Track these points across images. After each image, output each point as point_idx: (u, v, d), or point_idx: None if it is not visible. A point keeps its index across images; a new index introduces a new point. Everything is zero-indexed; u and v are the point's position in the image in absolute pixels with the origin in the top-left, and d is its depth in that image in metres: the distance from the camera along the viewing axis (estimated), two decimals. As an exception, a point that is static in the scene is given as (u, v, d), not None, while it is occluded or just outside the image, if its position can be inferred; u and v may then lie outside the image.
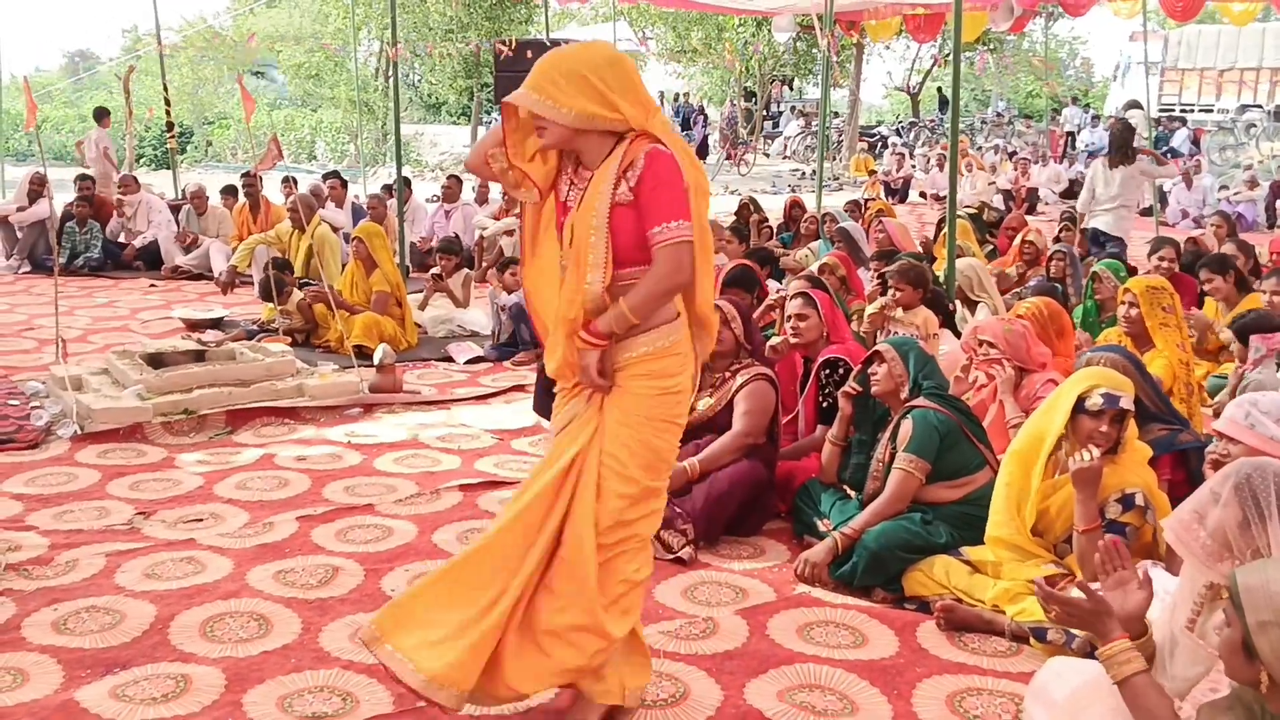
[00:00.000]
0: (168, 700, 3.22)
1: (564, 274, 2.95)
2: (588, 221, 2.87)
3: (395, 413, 6.40)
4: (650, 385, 2.93)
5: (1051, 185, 19.36)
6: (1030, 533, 3.84)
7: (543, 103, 2.82)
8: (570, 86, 2.81)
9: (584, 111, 2.82)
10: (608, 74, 2.84)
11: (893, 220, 9.02)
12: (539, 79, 2.85)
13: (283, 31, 32.32)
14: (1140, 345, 5.33)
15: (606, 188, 2.86)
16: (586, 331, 2.87)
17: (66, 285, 9.63)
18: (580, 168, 2.97)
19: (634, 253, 2.87)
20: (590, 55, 2.88)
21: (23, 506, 4.78)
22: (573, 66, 2.83)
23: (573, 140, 2.91)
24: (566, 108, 2.81)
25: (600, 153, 2.92)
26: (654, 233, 2.83)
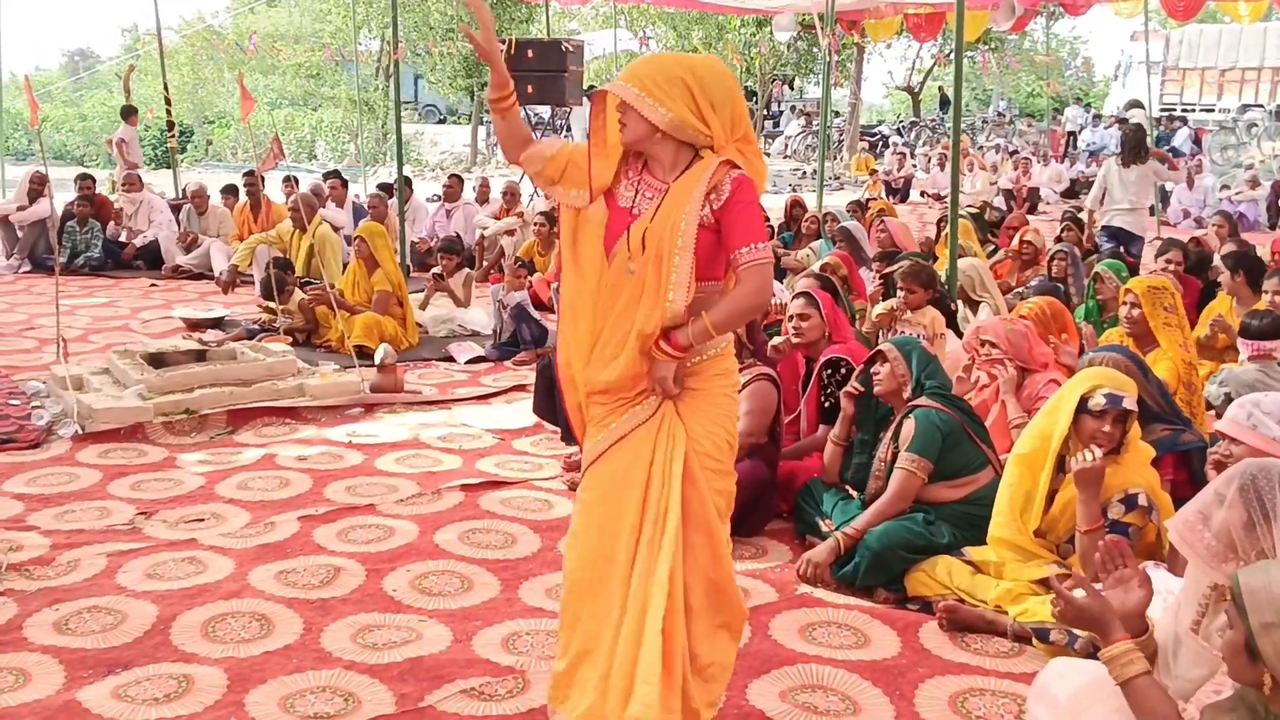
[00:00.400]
0: (170, 700, 3.22)
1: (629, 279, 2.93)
2: (670, 239, 2.87)
3: (396, 412, 6.40)
4: (724, 384, 3.04)
5: (1053, 185, 19.35)
6: (1034, 533, 3.83)
7: (641, 97, 2.83)
8: (671, 89, 2.83)
9: (678, 117, 2.84)
10: (710, 87, 2.86)
11: (894, 220, 9.01)
12: (639, 74, 2.87)
13: (283, 31, 32.35)
14: (1142, 345, 5.32)
15: (693, 209, 2.86)
16: (669, 344, 2.89)
17: (67, 285, 9.62)
18: (646, 173, 2.98)
19: (706, 269, 2.92)
20: (695, 64, 2.90)
21: (24, 506, 4.78)
22: (676, 71, 2.86)
23: (650, 143, 2.91)
24: (664, 109, 2.83)
25: (673, 163, 2.93)
26: (740, 254, 2.86)
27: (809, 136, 27.02)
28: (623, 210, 2.97)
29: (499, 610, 3.89)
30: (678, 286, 2.87)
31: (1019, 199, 16.91)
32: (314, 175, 16.01)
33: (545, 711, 3.19)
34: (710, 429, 2.99)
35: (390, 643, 3.61)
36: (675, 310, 2.87)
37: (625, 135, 2.91)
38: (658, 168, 2.95)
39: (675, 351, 2.89)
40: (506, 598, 4.00)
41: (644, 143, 2.91)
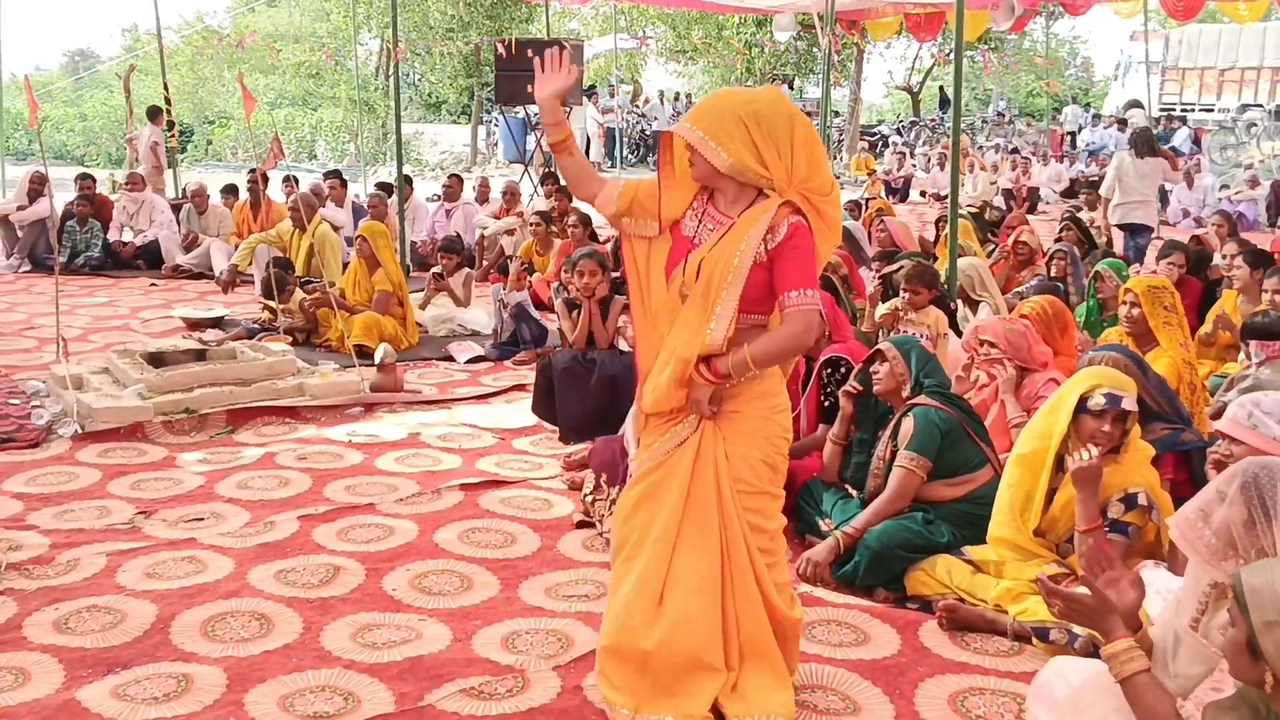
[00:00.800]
0: (169, 700, 3.22)
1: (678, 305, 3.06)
2: (724, 271, 2.98)
3: (396, 412, 6.40)
4: (763, 406, 3.11)
5: (1053, 184, 19.34)
6: (1033, 532, 3.83)
7: (705, 141, 2.95)
8: (735, 132, 2.93)
9: (739, 161, 2.94)
10: (771, 129, 2.95)
11: (894, 219, 9.00)
12: (703, 116, 2.98)
13: (282, 30, 32.35)
14: (1142, 345, 5.32)
15: (749, 248, 2.97)
16: (709, 370, 3.00)
17: (67, 284, 9.62)
18: (710, 204, 3.10)
19: (752, 305, 3.03)
20: (759, 105, 2.97)
21: (23, 506, 4.78)
22: (739, 113, 2.94)
23: (715, 179, 3.03)
24: (726, 152, 2.94)
25: (738, 199, 3.05)
26: (789, 296, 2.97)
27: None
28: (685, 239, 3.10)
29: (498, 609, 3.89)
30: (720, 319, 2.98)
31: (1019, 199, 16.90)
32: (314, 175, 16.02)
33: (544, 711, 3.20)
34: (746, 452, 3.08)
35: (390, 642, 3.61)
36: (714, 340, 2.98)
37: (694, 173, 3.04)
38: (722, 200, 3.08)
39: (712, 377, 3.01)
40: (506, 597, 4.00)
41: (714, 179, 3.04)
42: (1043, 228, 12.25)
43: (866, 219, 9.95)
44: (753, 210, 3.02)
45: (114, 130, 28.28)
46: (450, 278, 8.82)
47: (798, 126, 3.00)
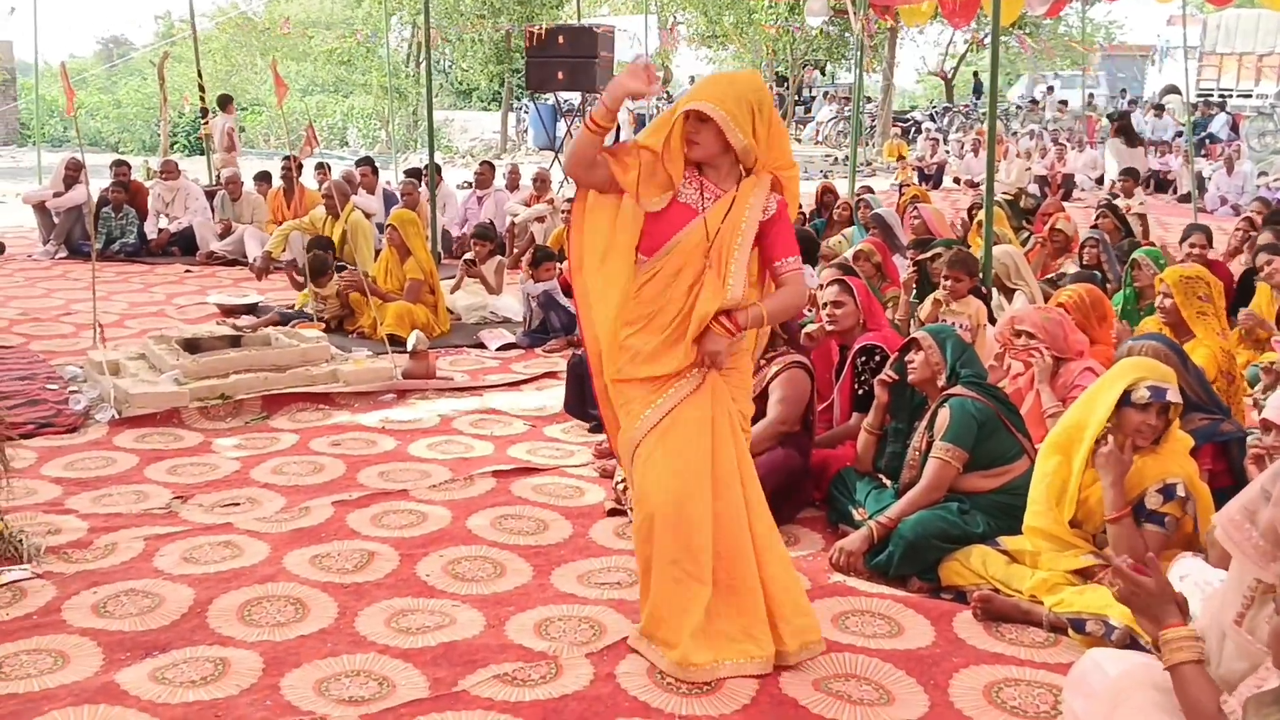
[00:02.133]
0: (206, 683, 3.25)
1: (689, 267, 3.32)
2: (733, 235, 3.32)
3: (428, 399, 6.42)
4: (747, 363, 3.58)
5: (1088, 171, 19.15)
6: (1069, 523, 3.80)
7: (728, 121, 3.23)
8: (746, 116, 3.26)
9: (748, 143, 3.28)
10: (764, 114, 3.29)
11: (928, 206, 8.94)
12: (726, 98, 3.24)
13: (314, 17, 32.47)
14: (1180, 335, 5.25)
15: (753, 214, 3.34)
16: (731, 322, 3.32)
17: (103, 271, 9.71)
18: (703, 178, 3.38)
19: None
20: (758, 91, 3.32)
21: (61, 490, 4.83)
22: (750, 99, 3.27)
23: (718, 158, 3.34)
24: (741, 133, 3.26)
25: (729, 175, 3.38)
26: (785, 263, 3.40)
27: (840, 122, 26.88)
28: (684, 207, 3.36)
29: (531, 596, 3.90)
30: (736, 276, 3.31)
31: (1054, 186, 16.75)
32: (346, 162, 16.09)
33: (578, 697, 3.21)
34: (744, 396, 3.51)
35: (424, 627, 3.62)
36: (734, 296, 3.31)
37: (696, 151, 3.32)
38: (713, 174, 3.38)
39: (734, 328, 3.32)
40: (539, 583, 4.01)
41: (712, 158, 3.34)
42: (1078, 215, 12.14)
43: (900, 206, 9.88)
44: (747, 183, 3.36)
45: (148, 117, 28.51)
46: (482, 265, 8.84)
47: (775, 112, 3.40)
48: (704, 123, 3.26)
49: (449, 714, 3.12)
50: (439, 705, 3.16)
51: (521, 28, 20.33)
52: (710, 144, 3.29)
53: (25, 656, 3.38)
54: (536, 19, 23.73)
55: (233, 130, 14.44)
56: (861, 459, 4.64)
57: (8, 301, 8.95)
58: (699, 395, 3.36)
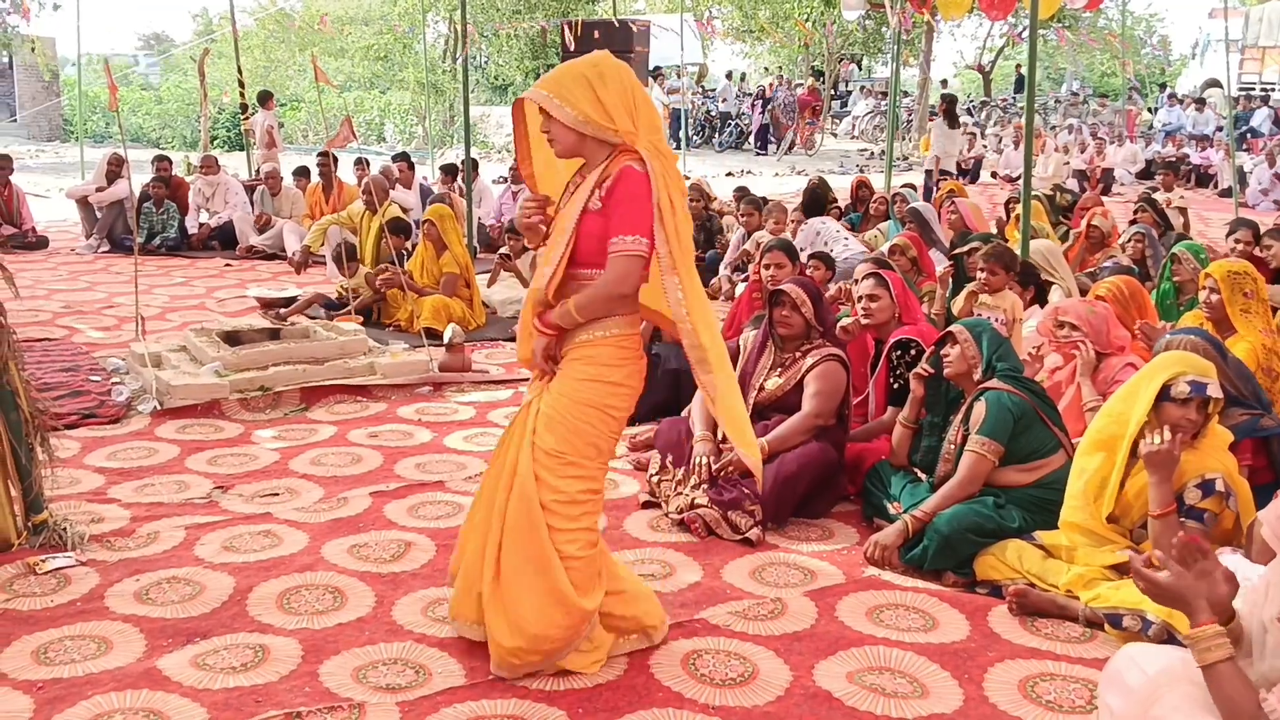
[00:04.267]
0: (247, 670, 3.30)
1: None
2: (562, 223, 3.19)
3: (464, 391, 6.46)
4: (584, 370, 3.19)
5: (1128, 166, 18.96)
6: (1106, 518, 3.77)
7: (550, 99, 3.12)
8: (576, 89, 3.11)
9: (584, 114, 3.10)
10: (610, 83, 3.12)
11: (965, 200, 8.89)
12: (549, 80, 3.18)
13: (352, 14, 32.65)
14: (1222, 330, 5.19)
15: (582, 194, 3.16)
16: (540, 320, 3.21)
17: (144, 264, 9.83)
18: (579, 175, 3.28)
19: (595, 256, 3.15)
20: (595, 64, 3.16)
21: (104, 480, 4.90)
22: (580, 71, 3.13)
23: (579, 148, 3.19)
24: (571, 108, 3.10)
25: (598, 159, 3.21)
26: (613, 242, 3.10)
27: (877, 116, 26.74)
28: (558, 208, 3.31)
29: (566, 587, 3.91)
30: (550, 263, 3.17)
31: (1092, 180, 16.60)
32: (383, 157, 16.19)
33: (611, 687, 3.22)
34: (546, 407, 3.20)
35: (460, 617, 3.65)
36: (536, 285, 3.21)
37: (555, 148, 3.22)
38: (587, 168, 3.24)
39: (543, 328, 3.20)
40: (574, 575, 4.02)
41: (576, 149, 3.20)
42: (1117, 209, 12.02)
43: (937, 200, 9.83)
44: (596, 169, 3.18)
45: (189, 113, 28.80)
46: (517, 259, 8.87)
47: (630, 78, 3.19)
48: (548, 118, 3.14)
49: (484, 702, 3.15)
50: (475, 694, 3.19)
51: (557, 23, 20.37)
52: (560, 134, 3.14)
53: (69, 642, 3.44)
54: (572, 14, 23.78)
55: (273, 127, 14.58)
56: (897, 453, 4.63)
57: (51, 295, 9.08)
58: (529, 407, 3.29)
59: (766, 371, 4.85)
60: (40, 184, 17.15)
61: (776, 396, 4.76)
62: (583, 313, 3.13)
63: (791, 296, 4.75)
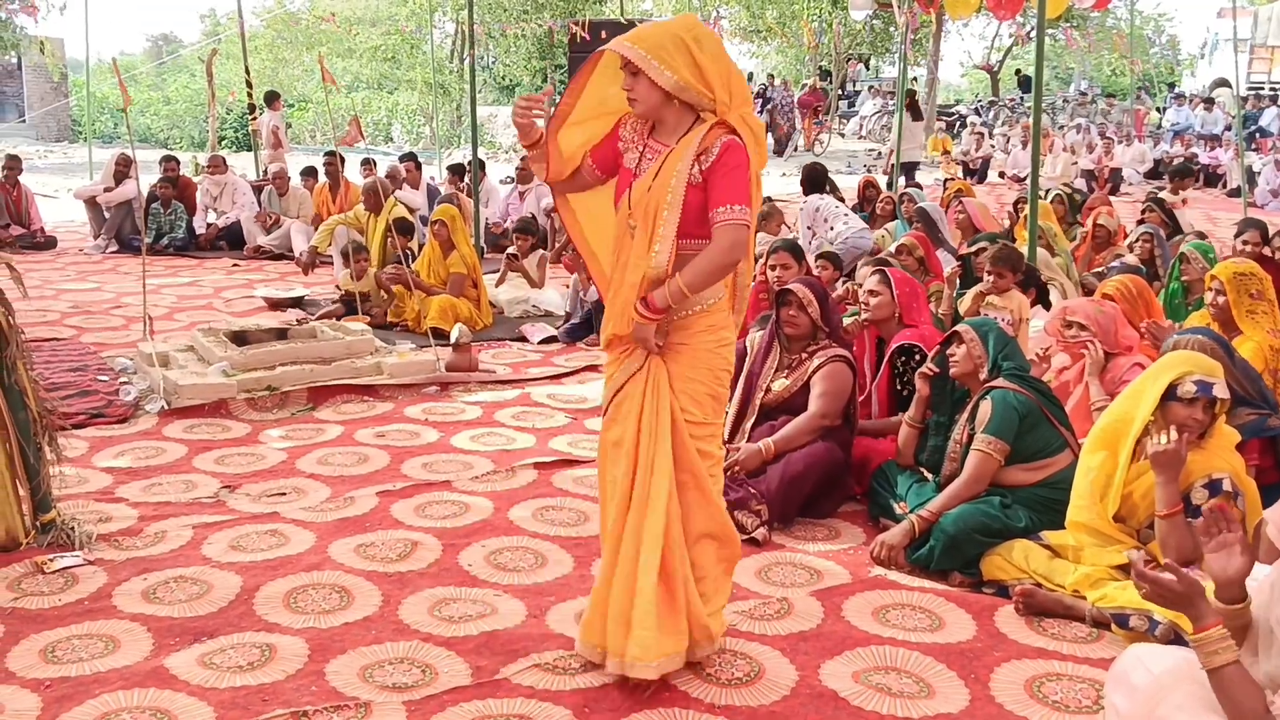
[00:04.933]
0: (253, 669, 3.30)
1: (630, 237, 3.16)
2: (662, 196, 3.07)
3: (471, 391, 6.47)
4: (709, 339, 3.21)
5: (1136, 165, 18.92)
6: (1113, 518, 3.77)
7: (646, 58, 3.01)
8: (676, 52, 3.01)
9: (683, 80, 3.02)
10: (706, 49, 3.03)
11: (973, 200, 8.88)
12: (646, 38, 3.03)
13: (359, 14, 32.71)
14: (1229, 331, 5.18)
15: (684, 167, 3.06)
16: (645, 307, 3.09)
17: (152, 264, 9.85)
18: (651, 137, 3.18)
19: (694, 228, 3.10)
20: (690, 28, 3.06)
21: (112, 479, 4.91)
22: (677, 33, 3.03)
23: (661, 110, 3.10)
24: (670, 70, 3.01)
25: (678, 127, 3.13)
26: (718, 212, 3.04)
27: (884, 116, 26.71)
28: (628, 171, 3.22)
29: (572, 586, 3.92)
30: (663, 240, 3.07)
31: (1100, 180, 16.57)
32: (390, 158, 16.22)
33: (620, 686, 3.23)
34: (687, 386, 3.19)
35: (466, 616, 3.66)
36: (658, 264, 3.07)
37: (637, 107, 3.11)
38: (663, 130, 3.16)
39: (650, 314, 3.10)
40: (579, 574, 4.03)
41: (656, 111, 3.11)
42: (1125, 209, 12.01)
43: (945, 200, 9.82)
44: (689, 135, 3.10)
45: (196, 114, 28.87)
46: (525, 259, 8.88)
47: (721, 47, 3.11)
48: (635, 75, 3.04)
49: (490, 701, 3.15)
50: (481, 693, 3.19)
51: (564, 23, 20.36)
52: (646, 94, 3.06)
53: (77, 641, 3.45)
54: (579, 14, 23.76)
55: (279, 127, 14.62)
56: (903, 453, 4.63)
57: (60, 295, 9.11)
58: (635, 383, 3.20)
59: (773, 373, 4.85)
60: (49, 184, 17.20)
61: (783, 398, 4.76)
62: (692, 289, 3.06)
63: (798, 296, 4.75)
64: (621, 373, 3.25)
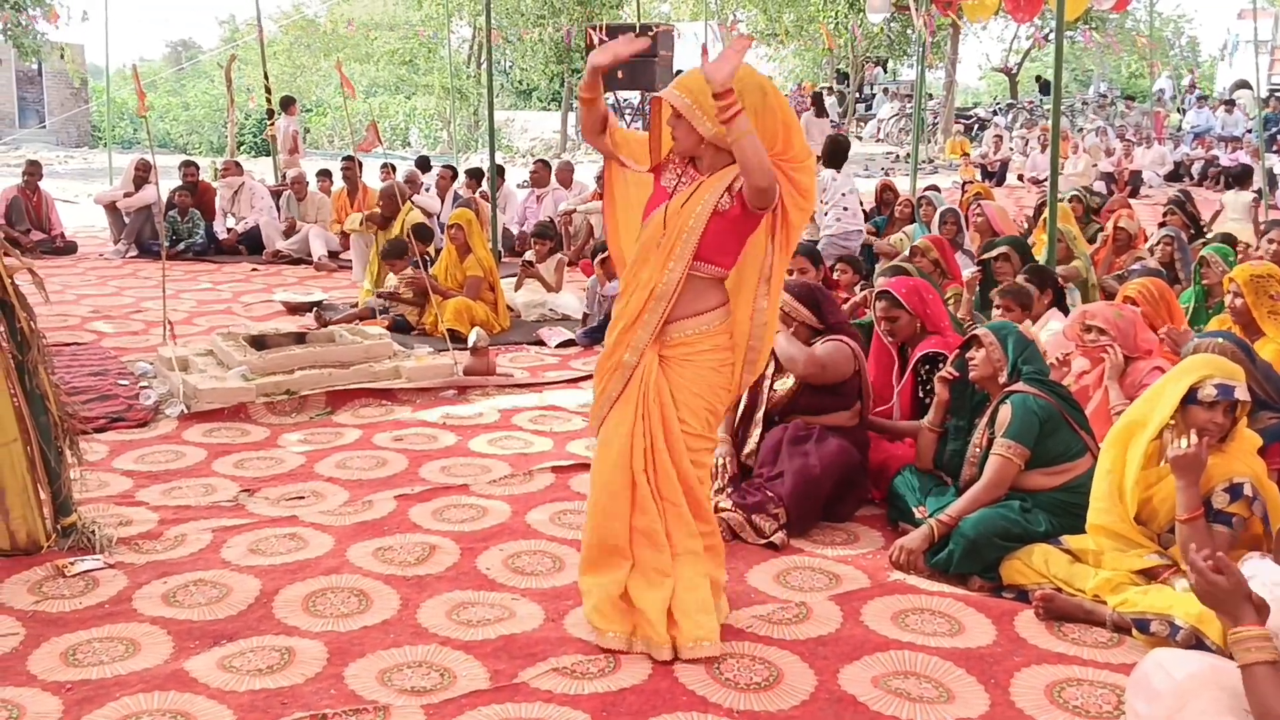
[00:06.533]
0: (273, 672, 3.31)
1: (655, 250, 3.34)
2: (687, 219, 3.29)
3: (488, 395, 6.48)
4: (714, 359, 3.42)
5: (1156, 168, 18.82)
6: (1134, 521, 3.74)
7: (692, 109, 3.24)
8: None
9: (719, 131, 3.20)
10: (750, 102, 3.17)
11: (991, 203, 8.84)
12: (690, 86, 3.27)
13: (377, 19, 32.86)
14: (1250, 334, 5.14)
15: (712, 197, 3.28)
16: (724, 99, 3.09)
17: (171, 269, 9.89)
18: (691, 167, 3.40)
19: (710, 253, 3.33)
20: (741, 77, 3.17)
21: (132, 483, 4.94)
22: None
23: (697, 149, 3.34)
24: (710, 122, 3.22)
25: (717, 164, 3.34)
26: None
27: (902, 119, 26.65)
28: (662, 189, 3.42)
29: (590, 591, 3.92)
30: (679, 259, 3.30)
31: (1120, 182, 16.48)
32: (408, 162, 16.28)
33: (636, 691, 3.22)
34: (690, 399, 3.40)
35: (484, 620, 3.66)
36: (672, 279, 3.31)
37: (677, 146, 3.36)
38: (701, 165, 3.38)
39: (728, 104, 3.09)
40: (598, 578, 4.02)
41: (695, 149, 3.34)
42: (1145, 212, 11.95)
43: (964, 203, 9.79)
44: (724, 170, 3.30)
45: (215, 119, 29.04)
46: (542, 263, 8.89)
47: (770, 96, 3.26)
48: (678, 117, 3.28)
49: (509, 705, 3.15)
50: (499, 697, 3.20)
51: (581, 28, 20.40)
52: (684, 136, 3.30)
53: (98, 644, 3.47)
54: (596, 19, 23.81)
55: (296, 133, 14.68)
56: (922, 457, 4.61)
57: (80, 299, 9.17)
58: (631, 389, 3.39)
59: (773, 374, 4.81)
60: (69, 190, 17.33)
61: (788, 398, 4.71)
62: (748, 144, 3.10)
63: (785, 311, 4.73)
64: (618, 380, 3.42)
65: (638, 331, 3.38)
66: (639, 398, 3.38)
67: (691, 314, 3.38)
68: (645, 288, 3.35)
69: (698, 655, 3.36)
